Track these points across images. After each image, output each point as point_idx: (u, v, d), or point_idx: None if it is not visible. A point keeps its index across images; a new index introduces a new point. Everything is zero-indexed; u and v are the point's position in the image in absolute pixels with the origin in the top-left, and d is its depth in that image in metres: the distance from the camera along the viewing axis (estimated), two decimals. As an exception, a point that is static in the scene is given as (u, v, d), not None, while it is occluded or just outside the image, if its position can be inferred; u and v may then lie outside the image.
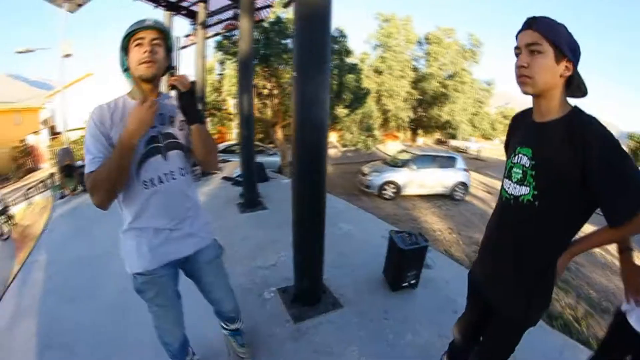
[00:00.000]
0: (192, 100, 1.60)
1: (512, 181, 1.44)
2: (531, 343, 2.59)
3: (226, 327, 2.29)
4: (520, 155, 1.42)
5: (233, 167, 9.88)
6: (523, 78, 1.29)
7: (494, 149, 35.60)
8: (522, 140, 1.44)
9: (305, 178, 2.81)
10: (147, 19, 1.52)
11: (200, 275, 1.91)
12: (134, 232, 1.63)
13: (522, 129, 1.51)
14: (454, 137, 21.37)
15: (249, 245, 4.34)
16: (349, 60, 17.75)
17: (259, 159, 9.09)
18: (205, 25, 8.98)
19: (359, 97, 17.19)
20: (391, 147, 24.04)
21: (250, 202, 6.04)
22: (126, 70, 1.59)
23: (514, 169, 1.44)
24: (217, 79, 18.25)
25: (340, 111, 17.08)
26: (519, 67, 1.30)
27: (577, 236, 1.40)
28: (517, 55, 1.32)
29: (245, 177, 6.28)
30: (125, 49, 1.55)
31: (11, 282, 3.59)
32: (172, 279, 1.78)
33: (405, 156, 13.40)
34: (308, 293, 3.02)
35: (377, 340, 2.64)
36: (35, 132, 25.68)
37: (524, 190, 1.38)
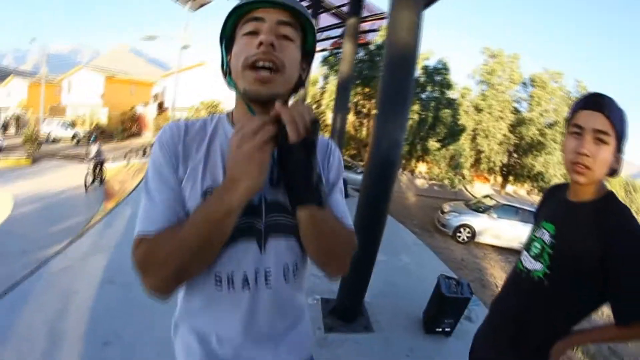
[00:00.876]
0: (304, 162, 0.78)
1: (529, 254, 1.40)
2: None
3: None
4: (543, 230, 1.37)
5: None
6: (581, 167, 1.20)
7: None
8: (549, 215, 1.40)
9: (368, 207, 3.08)
10: None
11: None
12: (188, 330, 0.94)
13: (553, 204, 1.46)
14: (542, 190, 19.98)
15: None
16: (449, 94, 17.60)
17: (346, 175, 9.44)
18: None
19: (453, 133, 16.96)
20: (479, 189, 23.13)
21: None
22: (228, 73, 0.91)
23: (534, 243, 1.39)
24: (319, 92, 19.10)
25: (433, 144, 16.98)
26: (579, 154, 1.19)
27: (581, 325, 1.31)
28: (576, 135, 1.22)
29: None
30: (228, 37, 0.90)
31: (95, 223, 4.40)
32: None
33: (489, 202, 12.97)
34: (345, 310, 3.28)
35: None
36: (145, 104, 29.62)
37: (537, 266, 1.33)
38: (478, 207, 12.75)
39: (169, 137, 0.87)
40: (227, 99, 21.24)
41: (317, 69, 18.62)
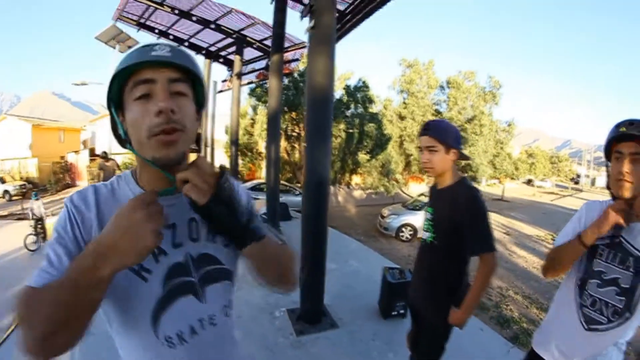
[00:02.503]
0: (227, 211, 0.80)
1: (424, 230, 2.09)
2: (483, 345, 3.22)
3: None
4: (428, 213, 2.07)
5: (260, 204, 10.69)
6: (427, 168, 1.93)
7: (520, 189, 35.14)
8: (430, 203, 2.10)
9: (310, 223, 3.60)
10: (158, 44, 0.79)
11: None
12: None
13: (431, 195, 2.15)
14: (474, 179, 21.45)
15: (267, 274, 5.08)
16: (372, 108, 18.69)
17: (285, 198, 9.86)
18: (240, 75, 10.03)
19: (379, 144, 17.96)
20: (415, 189, 24.36)
21: (272, 237, 6.81)
22: (124, 140, 0.86)
23: (425, 222, 2.08)
24: (250, 123, 19.52)
25: (362, 157, 17.84)
26: (423, 162, 1.93)
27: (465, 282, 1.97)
28: (421, 151, 1.95)
29: (269, 215, 7.09)
30: (116, 102, 0.84)
31: None
32: None
33: (424, 199, 13.72)
34: (310, 314, 3.71)
35: (362, 355, 3.22)
36: (76, 152, 27.64)
37: (428, 235, 2.03)
38: (415, 206, 13.66)
39: (81, 202, 0.86)
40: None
41: (245, 100, 19.03)
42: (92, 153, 26.23)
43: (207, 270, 0.95)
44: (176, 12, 8.26)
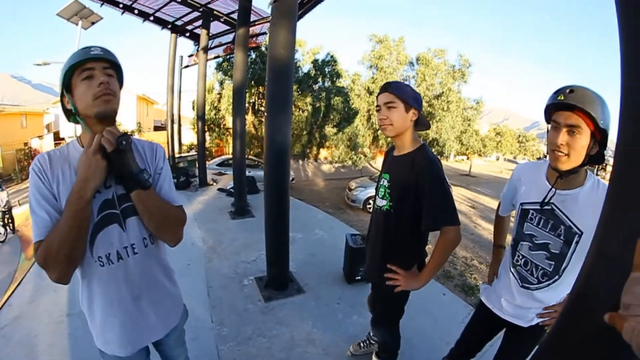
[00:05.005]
0: (122, 160, 1.23)
1: (379, 197, 2.01)
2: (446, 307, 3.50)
3: None
4: (383, 179, 1.98)
5: (228, 179, 10.71)
6: (385, 126, 1.81)
7: (487, 165, 36.16)
8: (385, 169, 2.02)
9: (272, 190, 3.70)
10: (93, 47, 1.24)
11: (164, 350, 1.72)
12: (97, 313, 1.36)
13: (387, 160, 2.07)
14: (441, 154, 21.88)
15: (235, 245, 5.23)
16: (340, 83, 18.67)
17: (253, 172, 9.92)
18: (207, 49, 9.85)
19: (346, 117, 18.05)
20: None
21: (240, 210, 6.95)
22: (73, 113, 1.27)
23: (380, 188, 1.99)
24: (217, 98, 19.19)
25: (329, 130, 17.94)
26: (380, 119, 1.83)
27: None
28: (378, 111, 1.86)
29: (236, 189, 7.16)
30: (67, 85, 1.25)
31: (30, 268, 4.31)
32: (142, 356, 1.57)
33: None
34: (277, 280, 3.85)
35: (328, 318, 3.37)
36: (40, 137, 26.00)
37: (384, 202, 1.94)
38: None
39: (42, 166, 1.22)
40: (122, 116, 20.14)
41: (212, 75, 18.65)
42: (57, 137, 24.61)
43: (127, 205, 1.31)
44: None
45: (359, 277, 4.02)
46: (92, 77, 1.21)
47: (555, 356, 1.09)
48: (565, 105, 1.35)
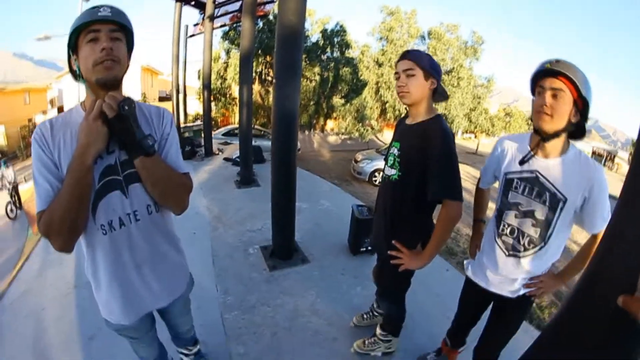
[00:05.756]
0: (124, 127, 1.19)
1: (387, 165, 1.97)
2: (447, 283, 3.51)
3: (188, 352, 2.12)
4: (394, 147, 1.94)
5: (234, 148, 10.67)
6: (402, 93, 1.77)
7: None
8: (396, 137, 1.98)
9: (279, 158, 3.64)
10: (101, 6, 1.17)
11: (169, 318, 1.77)
12: (102, 282, 1.35)
13: (399, 129, 2.03)
14: (449, 130, 21.61)
15: (241, 214, 5.22)
16: (349, 54, 18.33)
17: (259, 142, 9.87)
18: (212, 17, 9.65)
19: (355, 89, 17.81)
20: (389, 136, 24.42)
21: (246, 179, 6.93)
22: (78, 75, 1.24)
23: (390, 157, 1.95)
24: (223, 67, 18.93)
25: (337, 101, 17.76)
26: (399, 87, 1.78)
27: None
28: (397, 78, 1.80)
29: (242, 158, 7.12)
30: (74, 47, 1.20)
31: (38, 242, 4.36)
32: (147, 324, 1.61)
33: (398, 146, 14.01)
34: (282, 249, 3.85)
35: (332, 288, 3.37)
36: (44, 112, 26.08)
37: (393, 172, 1.90)
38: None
39: (42, 134, 1.19)
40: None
41: (218, 44, 18.39)
42: (61, 111, 24.51)
43: (130, 172, 1.27)
44: None
45: (364, 249, 4.01)
46: (97, 40, 1.16)
47: (564, 335, 1.08)
48: (550, 71, 1.44)
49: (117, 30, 1.20)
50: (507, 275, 1.75)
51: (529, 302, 1.80)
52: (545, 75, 1.47)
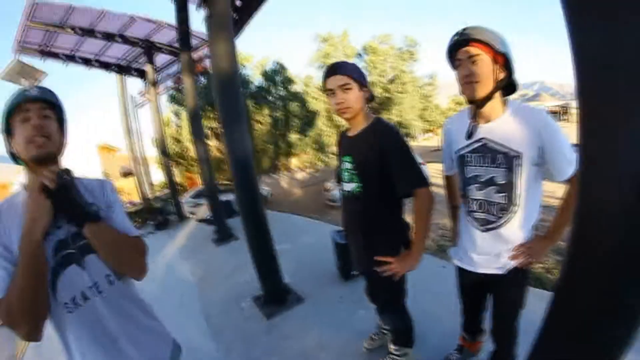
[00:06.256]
0: (67, 196, 1.18)
1: (344, 182, 1.96)
2: (447, 280, 3.34)
3: None
4: (345, 162, 1.93)
5: (206, 209, 10.52)
6: (344, 109, 1.75)
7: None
8: (344, 152, 1.96)
9: (244, 204, 3.64)
10: (29, 87, 1.21)
11: None
12: (72, 354, 1.22)
13: (343, 144, 2.01)
14: (408, 135, 22.11)
15: (225, 270, 5.13)
16: (293, 88, 18.73)
17: (228, 197, 9.78)
18: (155, 83, 9.76)
19: (307, 121, 18.09)
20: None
21: (223, 236, 6.86)
22: (17, 157, 1.23)
23: (344, 173, 1.95)
24: (176, 130, 18.90)
25: (293, 136, 17.92)
26: (338, 103, 1.74)
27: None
28: (331, 95, 1.76)
29: (214, 215, 7.02)
30: (8, 130, 1.21)
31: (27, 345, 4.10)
32: None
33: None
34: (274, 295, 3.75)
35: (333, 319, 3.28)
36: None
37: (352, 185, 1.89)
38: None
39: None
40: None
41: (166, 109, 18.43)
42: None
43: (83, 243, 1.22)
44: (78, 31, 7.81)
45: (355, 272, 3.95)
46: (28, 119, 1.18)
47: (574, 288, 1.06)
48: (461, 42, 1.48)
49: (47, 108, 1.23)
50: (490, 251, 1.72)
51: (524, 273, 1.72)
52: (458, 46, 1.50)
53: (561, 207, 1.60)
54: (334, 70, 1.76)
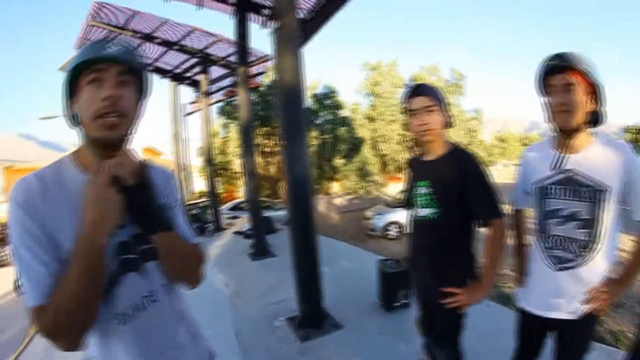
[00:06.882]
0: (144, 197, 0.99)
1: (419, 207, 1.87)
2: (492, 319, 3.25)
3: None
4: (420, 187, 1.86)
5: (243, 222, 10.59)
6: (426, 131, 1.73)
7: (496, 174, 36.38)
8: (419, 177, 1.90)
9: (297, 223, 3.53)
10: (111, 41, 0.93)
11: None
12: None
13: (417, 170, 1.96)
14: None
15: (260, 286, 4.98)
16: (341, 113, 18.89)
17: (267, 214, 9.84)
18: (207, 94, 10.04)
19: (354, 147, 18.11)
20: (395, 188, 24.59)
21: (261, 251, 6.76)
22: (74, 120, 0.97)
23: (418, 198, 1.87)
24: (222, 142, 19.37)
25: (338, 161, 17.96)
26: (421, 125, 1.72)
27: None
28: (412, 116, 1.75)
29: (254, 229, 6.99)
30: (71, 85, 0.94)
31: None
32: None
33: (405, 196, 14.00)
34: (311, 318, 3.60)
35: (373, 351, 3.12)
36: None
37: (428, 211, 1.81)
38: (398, 204, 13.74)
39: (26, 194, 0.87)
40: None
41: (215, 120, 18.98)
42: None
43: (146, 248, 1.02)
44: (139, 35, 8.21)
45: (398, 303, 3.77)
46: (101, 82, 0.90)
47: None
48: (558, 68, 1.42)
49: (126, 72, 0.94)
50: (565, 292, 1.59)
51: (594, 320, 1.61)
52: (553, 72, 1.44)
53: (636, 251, 1.51)
54: (419, 91, 1.75)
